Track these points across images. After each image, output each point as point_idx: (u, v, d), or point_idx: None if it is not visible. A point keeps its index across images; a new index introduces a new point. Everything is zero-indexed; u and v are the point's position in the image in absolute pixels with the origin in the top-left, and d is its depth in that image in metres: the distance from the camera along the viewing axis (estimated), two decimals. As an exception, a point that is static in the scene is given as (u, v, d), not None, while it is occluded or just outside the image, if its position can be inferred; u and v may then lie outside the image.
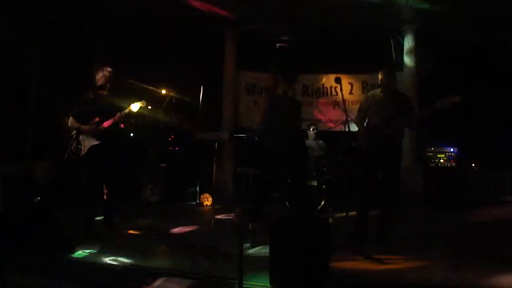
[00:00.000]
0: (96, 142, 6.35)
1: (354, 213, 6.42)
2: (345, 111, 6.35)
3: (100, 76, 6.48)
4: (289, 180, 7.61)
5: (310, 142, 9.69)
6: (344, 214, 8.10)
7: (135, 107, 6.40)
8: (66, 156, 6.29)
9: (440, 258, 5.56)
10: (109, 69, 6.54)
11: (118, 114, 6.39)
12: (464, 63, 11.09)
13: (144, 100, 6.50)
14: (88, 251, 5.53)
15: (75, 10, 10.34)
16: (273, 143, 6.23)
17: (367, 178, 6.10)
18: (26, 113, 10.58)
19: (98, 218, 6.59)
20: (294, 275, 4.19)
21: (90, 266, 5.02)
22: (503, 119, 11.01)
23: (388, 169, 6.12)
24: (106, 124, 6.38)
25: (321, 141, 10.00)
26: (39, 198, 6.16)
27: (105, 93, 6.50)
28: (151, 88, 10.08)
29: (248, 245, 5.74)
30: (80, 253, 5.42)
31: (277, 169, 6.45)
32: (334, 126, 11.00)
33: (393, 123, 6.03)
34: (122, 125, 6.46)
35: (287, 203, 8.55)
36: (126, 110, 6.42)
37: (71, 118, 6.49)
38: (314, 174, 9.05)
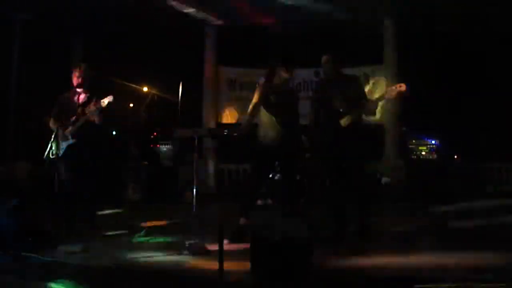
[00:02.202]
0: (72, 141, 6.30)
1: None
2: None
3: (76, 75, 6.42)
4: (278, 176, 7.59)
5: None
6: (327, 208, 8.10)
7: (103, 102, 6.29)
8: (45, 156, 6.24)
9: (423, 251, 5.57)
10: (84, 66, 6.49)
11: (87, 113, 6.30)
12: (445, 55, 11.16)
13: (111, 95, 6.36)
14: (69, 251, 5.48)
15: (53, 9, 10.26)
16: (269, 138, 6.14)
17: (328, 173, 6.04)
18: (6, 114, 10.50)
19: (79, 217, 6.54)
20: (275, 270, 4.18)
21: (71, 267, 4.98)
22: (485, 111, 11.12)
23: (347, 163, 5.90)
24: (78, 124, 6.31)
25: (303, 136, 9.99)
26: (18, 199, 6.09)
27: (82, 90, 6.44)
28: (133, 85, 10.05)
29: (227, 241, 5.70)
30: (61, 253, 5.37)
31: (270, 165, 6.39)
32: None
33: (341, 113, 5.82)
34: (95, 120, 6.36)
35: (269, 199, 8.53)
36: (96, 106, 6.31)
37: (52, 119, 6.45)
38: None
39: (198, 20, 11.52)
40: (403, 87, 5.67)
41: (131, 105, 11.74)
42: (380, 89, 10.96)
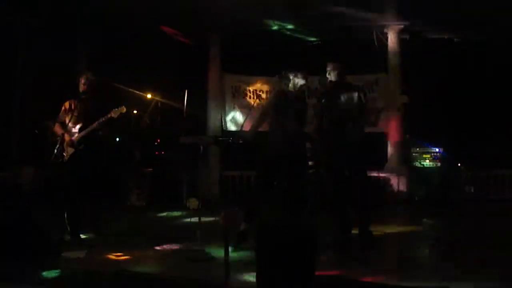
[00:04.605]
0: (78, 148, 6.35)
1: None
2: None
3: (82, 82, 6.47)
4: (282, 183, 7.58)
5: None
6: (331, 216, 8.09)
7: (115, 113, 6.35)
8: (50, 161, 6.26)
9: (425, 259, 5.58)
10: (90, 73, 6.54)
11: (97, 122, 6.35)
12: (449, 64, 11.17)
13: (124, 106, 6.43)
14: (73, 257, 5.51)
15: (59, 15, 10.30)
16: (279, 145, 6.14)
17: (331, 180, 6.05)
18: (11, 119, 10.53)
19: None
20: (280, 278, 4.19)
21: (75, 272, 5.00)
22: (488, 119, 11.12)
23: (351, 170, 5.92)
24: (84, 132, 6.36)
25: (307, 143, 9.99)
26: (24, 204, 6.13)
27: (87, 98, 6.49)
28: (137, 92, 10.08)
29: (232, 248, 5.71)
30: (66, 258, 5.39)
31: (276, 172, 6.40)
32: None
33: (345, 121, 5.85)
34: (103, 130, 6.43)
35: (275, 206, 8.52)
36: (107, 116, 6.37)
37: (56, 124, 6.49)
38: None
39: (203, 28, 11.55)
40: (405, 98, 5.68)
41: (135, 111, 11.77)
42: (384, 98, 10.98)
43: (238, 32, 11.51)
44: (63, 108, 6.56)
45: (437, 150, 10.95)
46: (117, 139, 10.91)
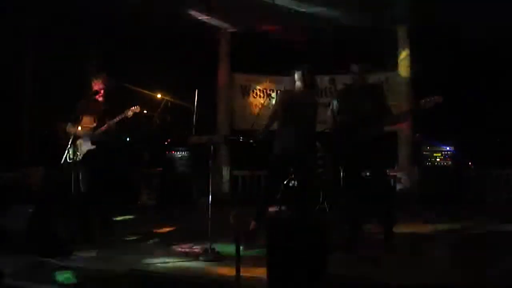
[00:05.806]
0: (92, 147, 6.38)
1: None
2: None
3: (96, 82, 6.52)
4: (292, 183, 7.58)
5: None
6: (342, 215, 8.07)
7: (129, 113, 6.41)
8: (63, 161, 6.28)
9: (436, 259, 5.55)
10: (104, 75, 6.60)
11: (112, 121, 6.39)
12: (460, 62, 11.11)
13: (138, 106, 6.49)
14: (85, 256, 5.52)
15: (68, 15, 10.31)
16: (288, 144, 6.13)
17: (349, 180, 6.02)
18: (21, 119, 10.56)
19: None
20: (291, 277, 4.18)
21: (87, 272, 5.00)
22: (500, 118, 11.04)
23: (372, 170, 5.95)
24: (102, 129, 6.41)
25: (317, 143, 9.97)
26: (34, 205, 6.15)
27: (101, 98, 6.53)
28: (147, 92, 10.07)
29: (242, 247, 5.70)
30: (77, 258, 5.41)
31: (285, 172, 6.37)
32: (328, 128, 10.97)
33: (368, 120, 5.80)
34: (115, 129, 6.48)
35: (282, 206, 8.52)
36: (122, 116, 6.41)
37: (69, 124, 6.52)
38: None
39: (212, 27, 11.55)
40: (440, 99, 5.62)
41: (145, 111, 11.78)
42: (394, 96, 10.93)
43: (248, 31, 11.51)
44: (76, 108, 6.60)
45: (448, 148, 10.88)
46: (127, 139, 10.92)
